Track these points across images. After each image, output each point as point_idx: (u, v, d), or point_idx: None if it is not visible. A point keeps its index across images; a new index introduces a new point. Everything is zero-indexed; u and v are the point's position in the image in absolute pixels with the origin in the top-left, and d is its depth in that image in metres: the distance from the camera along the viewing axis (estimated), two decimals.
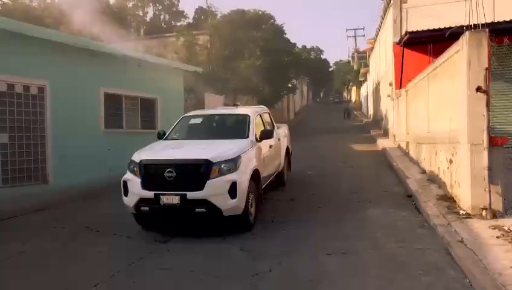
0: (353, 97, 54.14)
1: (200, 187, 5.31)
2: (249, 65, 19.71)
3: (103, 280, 4.34)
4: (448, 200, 6.66)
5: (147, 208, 5.59)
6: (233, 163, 5.53)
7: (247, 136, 6.56)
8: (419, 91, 9.91)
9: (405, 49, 13.39)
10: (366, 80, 34.47)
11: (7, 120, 8.26)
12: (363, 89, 39.17)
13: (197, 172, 5.39)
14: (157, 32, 33.96)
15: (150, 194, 5.48)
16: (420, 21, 12.64)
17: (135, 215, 5.89)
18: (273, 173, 7.81)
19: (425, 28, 11.64)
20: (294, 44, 55.65)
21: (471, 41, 5.72)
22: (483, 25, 7.72)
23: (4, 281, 4.47)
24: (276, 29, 25.80)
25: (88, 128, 9.97)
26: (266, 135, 6.92)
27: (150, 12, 54.83)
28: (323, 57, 78.80)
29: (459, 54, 6.13)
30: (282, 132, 9.15)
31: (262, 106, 9.19)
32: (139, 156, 5.88)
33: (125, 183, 5.79)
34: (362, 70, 35.78)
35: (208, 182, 5.33)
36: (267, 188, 8.19)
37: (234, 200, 5.37)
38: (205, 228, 6.04)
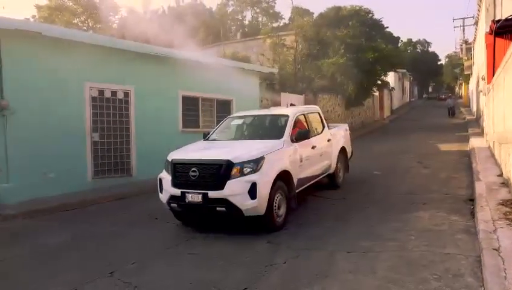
0: (463, 92, 49.48)
1: (221, 187, 5.47)
2: (332, 63, 19.54)
3: (140, 259, 5.06)
4: (511, 206, 6.08)
5: (175, 205, 5.93)
6: (254, 164, 5.58)
7: (281, 137, 6.51)
8: (500, 86, 9.00)
9: (498, 39, 12.09)
10: (471, 73, 31.36)
11: (98, 121, 9.69)
12: (470, 84, 35.65)
13: (218, 172, 5.54)
14: (253, 35, 35.37)
15: (177, 191, 5.81)
16: None
17: (171, 210, 6.28)
18: (318, 175, 7.64)
19: None
20: (398, 38, 52.85)
21: None
22: None
23: (64, 253, 5.46)
24: (374, 23, 25.05)
25: (167, 128, 11.10)
26: (302, 135, 6.81)
27: (248, 15, 57.14)
28: (431, 49, 73.43)
29: None
30: (337, 132, 8.97)
31: (313, 106, 9.23)
32: (171, 155, 6.23)
33: (160, 180, 6.20)
34: (467, 64, 32.51)
35: (228, 181, 5.46)
36: (322, 187, 8.37)
37: (254, 200, 5.40)
38: (242, 225, 6.31)
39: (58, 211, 7.75)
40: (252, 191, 5.40)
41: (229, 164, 5.53)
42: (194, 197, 5.63)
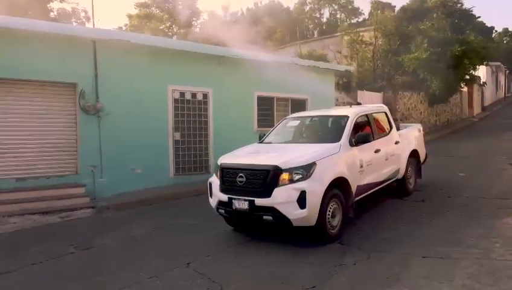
0: None
1: (268, 194, 5.12)
2: (414, 58, 18.50)
3: (214, 252, 5.38)
4: None
5: (223, 210, 5.71)
6: (304, 170, 5.14)
7: (339, 140, 5.96)
8: None
9: None
10: None
11: (179, 121, 10.33)
12: None
13: (265, 178, 5.19)
14: (331, 32, 34.79)
15: (225, 197, 5.56)
16: None
17: (221, 215, 6.03)
18: (382, 181, 6.94)
19: None
20: (491, 28, 48.37)
21: None
22: None
23: (147, 243, 5.94)
24: (463, 13, 23.31)
25: (243, 128, 11.45)
26: (362, 138, 6.15)
27: (326, 13, 56.30)
28: None
29: None
30: (408, 133, 8.23)
31: (380, 105, 8.39)
32: (221, 159, 6.02)
33: (210, 184, 6.01)
34: None
35: (276, 189, 5.10)
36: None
37: (304, 210, 5.00)
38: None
39: (144, 205, 8.43)
40: (301, 200, 5.01)
41: (277, 170, 5.16)
42: (240, 203, 5.35)
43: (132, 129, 9.39)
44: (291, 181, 5.11)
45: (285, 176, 5.13)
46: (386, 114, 7.66)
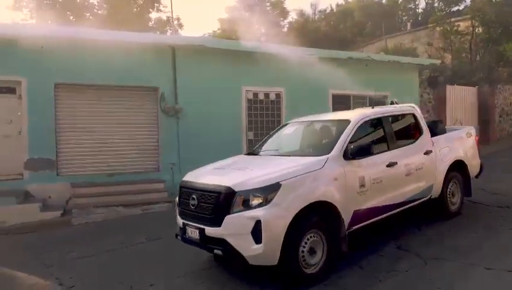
0: None
1: (219, 222, 4.10)
2: None
3: None
4: None
5: (179, 238, 4.75)
6: (263, 193, 4.01)
7: (329, 152, 4.69)
8: None
9: None
10: None
11: (252, 121, 10.64)
12: None
13: (217, 203, 4.18)
14: (427, 24, 32.58)
15: (181, 222, 4.73)
16: None
17: None
18: (402, 203, 5.40)
19: None
20: None
21: None
22: None
23: None
24: None
25: None
26: (360, 149, 4.78)
27: (422, 2, 52.74)
28: None
29: None
30: (449, 139, 6.45)
31: (408, 105, 6.36)
32: (186, 176, 5.13)
33: (175, 204, 5.14)
34: None
35: (227, 216, 4.06)
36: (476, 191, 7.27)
37: (259, 245, 3.88)
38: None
39: None
40: (256, 232, 3.89)
41: (229, 192, 4.11)
42: (192, 232, 4.44)
43: (208, 129, 9.92)
44: (248, 207, 4.03)
45: (239, 200, 4.06)
46: (414, 116, 6.06)
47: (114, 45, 8.65)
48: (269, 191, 4.02)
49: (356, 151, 4.74)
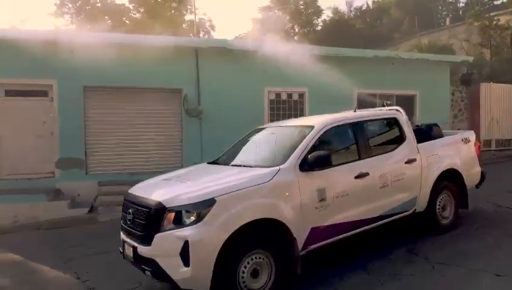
0: None
1: (149, 241, 3.75)
2: None
3: None
4: None
5: (120, 253, 4.35)
6: (194, 210, 3.61)
7: (283, 163, 4.21)
8: None
9: None
10: None
11: (275, 121, 10.67)
12: None
13: (148, 219, 3.84)
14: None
15: (122, 237, 4.33)
16: None
17: None
18: (379, 216, 4.82)
19: None
20: None
21: None
22: None
23: None
24: None
25: None
26: (318, 160, 4.19)
27: None
28: None
29: None
30: (439, 146, 5.73)
31: (391, 109, 5.69)
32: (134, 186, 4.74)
33: None
34: None
35: (157, 234, 3.70)
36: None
37: (187, 268, 3.53)
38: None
39: None
40: (184, 254, 3.52)
41: (159, 209, 3.74)
42: (128, 249, 4.08)
43: (230, 129, 10.00)
44: (180, 225, 3.64)
45: (170, 217, 3.68)
46: (396, 121, 5.38)
47: (139, 48, 8.97)
48: (202, 208, 3.62)
49: (314, 162, 4.19)
